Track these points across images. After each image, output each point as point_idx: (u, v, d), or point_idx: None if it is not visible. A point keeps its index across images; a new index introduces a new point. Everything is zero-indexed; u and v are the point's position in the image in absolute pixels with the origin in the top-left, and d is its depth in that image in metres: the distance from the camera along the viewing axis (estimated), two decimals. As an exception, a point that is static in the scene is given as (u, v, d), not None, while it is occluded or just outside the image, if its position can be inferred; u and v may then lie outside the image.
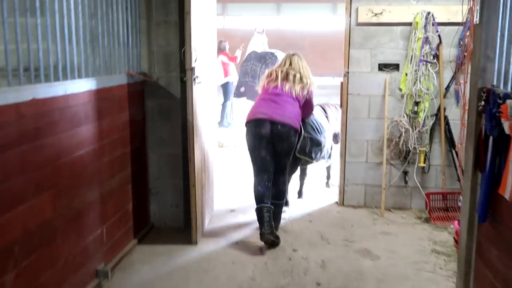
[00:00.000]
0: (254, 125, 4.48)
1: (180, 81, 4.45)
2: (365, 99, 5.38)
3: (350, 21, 5.26)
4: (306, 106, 4.77)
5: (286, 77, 4.60)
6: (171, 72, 4.57)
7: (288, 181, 5.20)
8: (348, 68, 5.34)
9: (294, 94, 4.56)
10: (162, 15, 4.50)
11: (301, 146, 4.91)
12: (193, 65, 4.16)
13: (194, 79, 4.18)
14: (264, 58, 9.68)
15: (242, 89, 10.10)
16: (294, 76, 4.59)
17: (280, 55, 9.83)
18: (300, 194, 5.92)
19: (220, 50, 11.08)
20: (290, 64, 4.67)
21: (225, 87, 11.14)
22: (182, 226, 4.78)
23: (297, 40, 23.13)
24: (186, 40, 4.10)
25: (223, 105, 11.20)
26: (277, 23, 25.04)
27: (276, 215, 4.68)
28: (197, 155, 4.38)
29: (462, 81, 5.04)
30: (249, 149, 4.61)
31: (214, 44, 5.28)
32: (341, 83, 5.44)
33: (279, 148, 4.51)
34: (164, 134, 4.67)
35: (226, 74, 11.08)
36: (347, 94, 5.39)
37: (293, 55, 4.76)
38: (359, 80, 5.35)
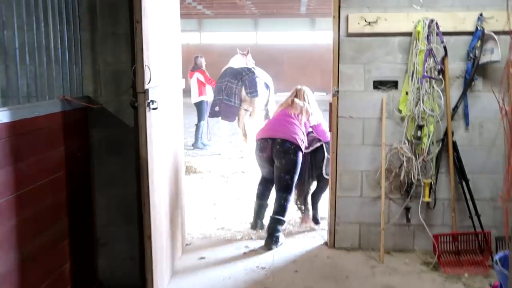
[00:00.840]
0: (258, 147, 5.05)
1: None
2: (359, 123, 4.56)
3: (339, 31, 4.45)
4: (318, 132, 5.20)
5: (292, 104, 5.12)
6: (121, 95, 3.68)
7: (319, 199, 5.51)
8: (337, 86, 4.52)
9: (299, 118, 5.03)
10: (109, 25, 3.62)
11: (325, 167, 5.15)
12: (146, 86, 3.29)
13: (149, 104, 3.32)
14: (240, 75, 8.74)
15: (217, 108, 9.20)
16: (298, 104, 5.09)
17: (259, 72, 8.97)
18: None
19: (197, 67, 10.29)
20: (296, 95, 5.19)
21: (199, 106, 10.42)
22: (139, 284, 3.85)
23: (276, 55, 22.55)
24: (137, 56, 3.24)
25: (197, 125, 10.40)
26: (255, 39, 24.44)
27: (271, 230, 4.81)
28: (154, 198, 3.49)
29: (507, 107, 4.03)
30: (256, 162, 5.28)
31: (178, 60, 4.41)
32: (330, 104, 4.61)
33: (278, 164, 4.89)
34: (115, 172, 3.76)
35: (200, 93, 10.32)
36: (337, 116, 4.57)
37: (299, 89, 5.26)
38: (351, 100, 4.53)
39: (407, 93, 4.41)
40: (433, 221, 4.58)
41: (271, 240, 4.76)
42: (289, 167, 4.84)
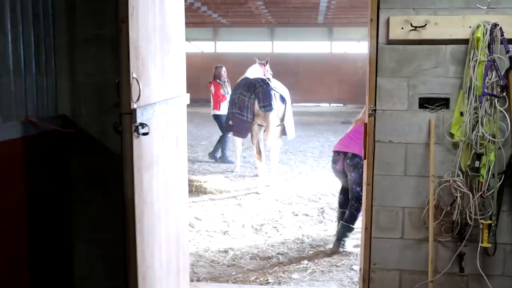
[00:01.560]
0: (332, 159, 5.52)
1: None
2: (400, 149, 3.75)
3: (377, 38, 3.66)
4: None
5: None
6: (106, 114, 2.92)
7: None
8: (374, 104, 3.72)
9: None
10: (92, 27, 2.89)
11: None
12: (134, 105, 2.52)
13: (137, 128, 2.54)
14: (254, 86, 7.93)
15: (231, 122, 8.53)
16: None
17: (275, 82, 8.16)
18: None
19: (214, 78, 9.73)
20: None
21: (217, 119, 9.92)
22: None
23: (292, 65, 21.90)
24: (122, 66, 2.47)
25: (220, 138, 9.99)
26: (270, 48, 23.82)
27: (340, 235, 5.34)
28: (144, 248, 2.71)
29: None
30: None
31: (181, 71, 3.64)
32: (365, 124, 3.81)
33: (349, 176, 5.26)
34: (99, 211, 3.03)
35: (214, 106, 9.81)
36: (374, 141, 3.77)
37: None
38: (391, 121, 3.72)
39: (461, 113, 3.59)
40: (492, 270, 3.73)
41: (339, 243, 5.33)
42: (359, 180, 5.06)
